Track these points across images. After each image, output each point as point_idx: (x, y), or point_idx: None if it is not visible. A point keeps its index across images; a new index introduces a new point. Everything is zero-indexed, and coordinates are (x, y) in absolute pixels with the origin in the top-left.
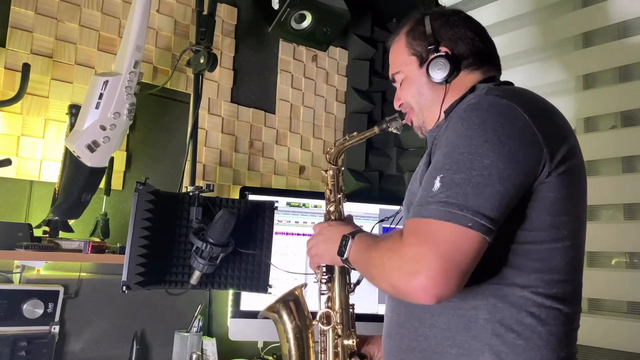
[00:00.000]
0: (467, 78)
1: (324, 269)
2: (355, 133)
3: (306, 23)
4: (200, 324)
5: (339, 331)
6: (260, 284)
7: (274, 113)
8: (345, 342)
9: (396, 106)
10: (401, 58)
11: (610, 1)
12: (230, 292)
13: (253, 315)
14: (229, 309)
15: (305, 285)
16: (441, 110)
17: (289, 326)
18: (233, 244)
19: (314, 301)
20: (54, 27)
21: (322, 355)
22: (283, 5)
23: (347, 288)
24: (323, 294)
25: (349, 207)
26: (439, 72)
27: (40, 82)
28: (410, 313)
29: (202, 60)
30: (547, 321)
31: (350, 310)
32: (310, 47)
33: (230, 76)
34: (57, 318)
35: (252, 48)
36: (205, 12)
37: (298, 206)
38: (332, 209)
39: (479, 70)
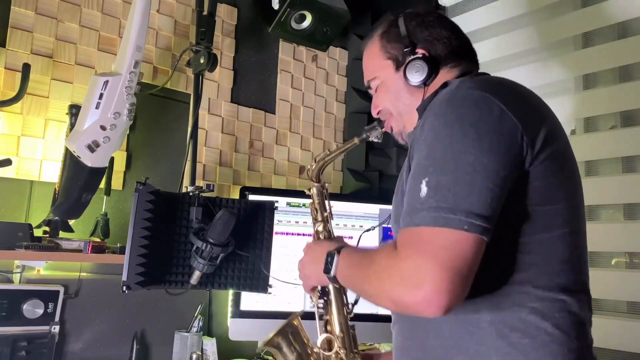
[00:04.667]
0: (445, 77)
1: (319, 292)
2: (334, 146)
3: (306, 23)
4: (200, 324)
5: (342, 356)
6: (260, 284)
7: (274, 113)
8: None
9: (374, 114)
10: (376, 62)
11: (610, 1)
12: (230, 292)
13: (253, 315)
14: (229, 309)
15: (301, 312)
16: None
17: (290, 358)
18: (233, 244)
19: (313, 326)
20: (54, 27)
21: None
22: (283, 6)
23: (345, 309)
24: (322, 318)
25: (349, 207)
26: (416, 75)
27: (40, 82)
28: (414, 323)
29: (202, 60)
30: (551, 314)
31: (351, 331)
32: (310, 47)
33: (230, 76)
34: (57, 318)
35: (252, 48)
36: (205, 12)
37: (298, 206)
38: (320, 228)
39: (457, 68)
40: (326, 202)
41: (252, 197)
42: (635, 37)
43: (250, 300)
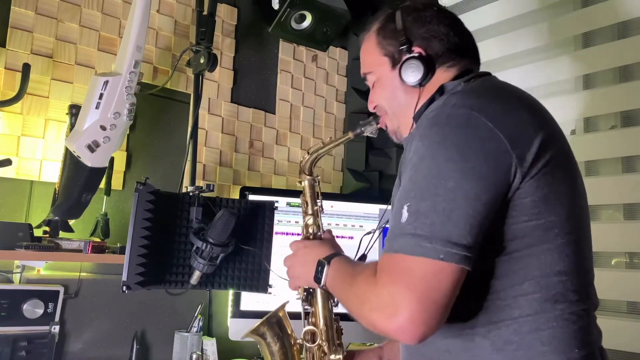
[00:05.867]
0: (442, 77)
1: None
2: (329, 139)
3: (306, 23)
4: (200, 324)
5: (325, 348)
6: (260, 284)
7: (274, 113)
8: (332, 357)
9: (370, 108)
10: (372, 58)
11: (610, 1)
12: (230, 292)
13: (253, 315)
14: (229, 309)
15: (287, 302)
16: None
17: (274, 348)
18: (233, 244)
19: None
20: (54, 27)
21: None
22: (283, 6)
23: (330, 302)
24: (306, 311)
25: (349, 207)
26: (412, 75)
27: (40, 82)
28: None
29: (202, 60)
30: (547, 325)
31: (335, 324)
32: (310, 47)
33: (230, 76)
34: (57, 318)
35: (252, 48)
36: (205, 12)
37: (298, 206)
38: (309, 221)
39: (455, 67)
40: (317, 195)
41: (252, 197)
42: (635, 37)
43: (250, 300)
